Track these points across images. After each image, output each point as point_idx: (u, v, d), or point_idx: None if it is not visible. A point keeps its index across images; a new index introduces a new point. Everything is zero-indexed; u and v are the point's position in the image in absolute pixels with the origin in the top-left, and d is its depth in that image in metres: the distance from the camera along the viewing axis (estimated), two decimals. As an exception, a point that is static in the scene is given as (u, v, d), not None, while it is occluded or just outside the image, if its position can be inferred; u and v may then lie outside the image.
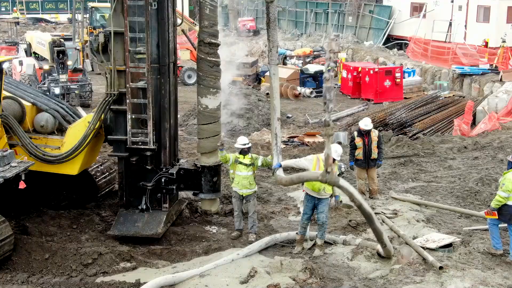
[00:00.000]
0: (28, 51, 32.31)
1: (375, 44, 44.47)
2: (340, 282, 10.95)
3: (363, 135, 15.37)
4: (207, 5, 12.37)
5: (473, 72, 32.55)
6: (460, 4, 38.63)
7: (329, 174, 9.87)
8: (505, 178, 11.43)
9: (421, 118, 25.14)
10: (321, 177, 10.06)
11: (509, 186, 11.26)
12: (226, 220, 14.17)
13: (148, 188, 12.85)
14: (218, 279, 10.98)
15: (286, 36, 54.47)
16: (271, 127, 11.51)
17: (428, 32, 39.33)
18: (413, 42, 40.18)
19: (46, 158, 12.92)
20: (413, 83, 34.18)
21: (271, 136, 11.35)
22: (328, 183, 10.16)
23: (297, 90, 33.48)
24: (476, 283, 10.47)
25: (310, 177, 11.11)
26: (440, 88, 32.78)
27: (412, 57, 39.67)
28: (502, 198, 11.33)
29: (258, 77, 37.87)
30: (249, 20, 59.67)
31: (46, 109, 13.93)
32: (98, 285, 10.87)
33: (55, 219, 13.82)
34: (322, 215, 12.18)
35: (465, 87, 32.72)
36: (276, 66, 11.70)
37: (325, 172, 9.92)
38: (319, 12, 51.85)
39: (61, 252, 11.93)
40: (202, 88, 12.66)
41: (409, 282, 10.66)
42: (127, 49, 12.20)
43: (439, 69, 35.44)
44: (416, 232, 12.92)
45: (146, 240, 12.68)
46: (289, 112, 29.68)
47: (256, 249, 12.27)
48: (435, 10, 40.79)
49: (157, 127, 12.70)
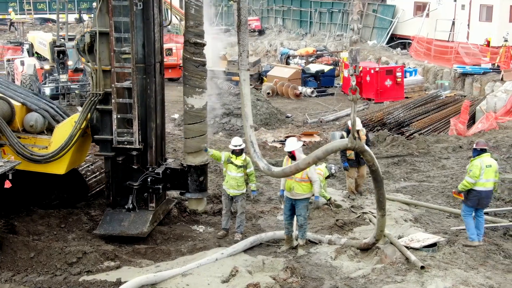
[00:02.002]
0: (30, 51, 32.52)
1: (379, 44, 44.38)
2: (321, 281, 10.96)
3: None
4: (192, 5, 12.40)
5: (474, 71, 32.44)
6: (463, 3, 38.46)
7: (356, 140, 9.80)
8: (472, 164, 11.85)
9: (419, 118, 25.12)
10: (349, 143, 9.92)
11: (476, 173, 11.70)
12: (214, 220, 14.22)
13: (135, 188, 12.91)
14: (200, 278, 11.01)
15: (291, 35, 54.47)
16: (245, 135, 11.27)
17: (431, 31, 39.21)
18: (416, 41, 40.08)
19: (33, 158, 12.99)
20: (415, 83, 34.13)
21: (247, 144, 11.11)
22: (356, 148, 10.02)
23: (298, 90, 33.49)
24: (457, 283, 10.45)
25: (338, 146, 10.55)
26: (442, 87, 32.67)
27: (415, 56, 39.57)
28: (468, 183, 11.79)
29: (261, 76, 37.88)
30: (254, 19, 59.65)
31: (36, 109, 13.98)
32: (79, 283, 10.93)
33: (44, 218, 13.90)
34: (300, 218, 12.24)
35: (467, 87, 32.62)
36: (246, 71, 11.43)
37: (352, 138, 9.85)
38: (323, 11, 51.78)
39: (46, 251, 11.99)
40: (188, 88, 12.68)
41: (390, 281, 10.65)
42: (112, 49, 12.25)
43: (441, 68, 35.34)
44: (403, 232, 12.91)
45: (132, 239, 12.74)
46: (289, 112, 29.72)
47: (241, 249, 12.29)
48: (438, 9, 40.65)
49: (143, 127, 12.75)
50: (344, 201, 15.18)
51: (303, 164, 10.45)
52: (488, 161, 11.93)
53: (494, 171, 11.93)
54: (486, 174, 11.80)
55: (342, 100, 33.13)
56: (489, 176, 11.84)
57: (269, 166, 10.80)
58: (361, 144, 9.98)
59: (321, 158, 10.43)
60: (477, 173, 11.72)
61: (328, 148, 10.26)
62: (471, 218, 12.07)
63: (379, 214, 11.20)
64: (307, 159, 10.39)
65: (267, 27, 59.06)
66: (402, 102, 28.03)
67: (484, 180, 11.81)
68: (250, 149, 10.79)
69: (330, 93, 34.75)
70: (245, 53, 11.20)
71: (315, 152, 10.33)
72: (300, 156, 11.76)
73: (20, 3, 68.45)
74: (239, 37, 11.37)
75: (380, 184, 10.78)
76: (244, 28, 11.24)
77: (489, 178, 11.85)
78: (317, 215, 14.37)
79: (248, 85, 11.40)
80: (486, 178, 11.82)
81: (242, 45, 11.27)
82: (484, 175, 11.79)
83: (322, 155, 10.21)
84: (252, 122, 11.27)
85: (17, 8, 68.45)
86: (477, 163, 11.81)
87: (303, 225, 12.22)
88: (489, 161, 11.95)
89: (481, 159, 11.88)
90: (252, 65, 37.78)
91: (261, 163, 10.66)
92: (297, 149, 11.94)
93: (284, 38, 53.74)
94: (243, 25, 11.22)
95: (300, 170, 10.82)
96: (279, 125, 26.19)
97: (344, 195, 15.70)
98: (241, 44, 11.32)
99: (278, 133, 24.59)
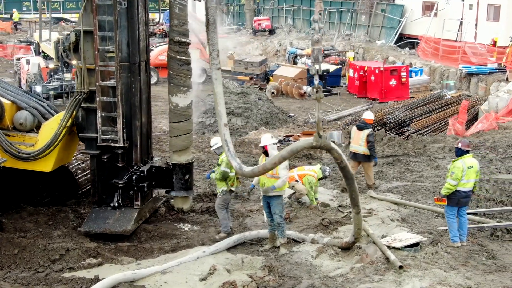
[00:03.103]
0: (37, 50, 32.77)
1: (387, 43, 44.24)
2: (299, 280, 10.96)
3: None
4: (177, 4, 12.49)
5: (480, 71, 32.24)
6: (471, 2, 38.24)
7: (322, 138, 9.81)
8: (454, 166, 11.76)
9: (420, 118, 24.97)
10: (315, 142, 9.94)
11: (459, 174, 11.62)
12: (202, 218, 14.25)
13: (120, 186, 12.99)
14: (179, 276, 11.08)
15: (300, 35, 54.43)
16: (219, 134, 11.28)
17: (439, 31, 39.01)
18: (424, 41, 39.90)
19: (20, 155, 13.11)
20: (420, 83, 34.01)
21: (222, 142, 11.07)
22: (322, 147, 10.04)
23: (302, 89, 33.43)
24: (435, 283, 10.41)
25: (303, 145, 10.39)
26: (447, 87, 32.50)
27: (422, 56, 39.38)
28: (452, 186, 11.68)
29: (267, 76, 37.87)
30: (265, 19, 59.74)
31: (25, 107, 14.11)
32: (58, 280, 11.03)
33: (33, 216, 14.02)
34: (275, 216, 12.26)
35: (472, 87, 32.43)
36: (217, 70, 11.39)
37: (317, 136, 9.87)
38: (332, 10, 51.71)
39: (30, 247, 12.13)
40: (173, 86, 12.75)
41: (367, 281, 10.63)
42: (96, 48, 12.35)
43: (447, 68, 35.16)
44: (387, 232, 12.87)
45: (116, 237, 12.82)
46: (292, 111, 29.69)
47: (223, 247, 12.32)
48: (446, 9, 40.46)
49: (128, 125, 12.84)
50: (332, 200, 15.18)
51: (270, 164, 10.44)
52: (470, 162, 11.89)
53: (475, 171, 11.90)
54: (468, 175, 11.76)
55: (347, 99, 33.07)
56: (470, 177, 11.82)
57: (241, 166, 10.82)
58: (327, 142, 9.96)
59: (286, 157, 10.41)
60: (460, 175, 11.67)
61: (293, 147, 10.25)
62: (455, 220, 12.03)
63: (353, 211, 11.20)
64: (273, 159, 10.39)
65: (277, 27, 59.09)
66: (404, 102, 27.89)
67: (465, 181, 11.77)
68: (225, 147, 10.78)
69: (335, 92, 34.64)
70: (215, 52, 11.12)
71: (281, 152, 10.35)
72: (272, 153, 11.89)
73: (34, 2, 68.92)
74: (209, 37, 11.27)
75: (350, 181, 10.77)
76: (213, 28, 11.17)
77: (470, 179, 11.82)
78: (304, 214, 14.39)
79: (221, 84, 11.31)
80: (467, 179, 11.78)
81: (211, 45, 11.16)
82: (466, 176, 11.75)
83: (287, 155, 10.19)
84: (226, 121, 11.23)
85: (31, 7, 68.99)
86: (459, 165, 11.75)
87: (280, 224, 12.22)
88: (471, 162, 11.90)
89: (463, 160, 11.82)
90: (258, 65, 37.86)
91: (234, 162, 10.69)
92: (270, 145, 12.02)
93: (294, 38, 53.72)
94: (212, 24, 11.14)
95: (267, 170, 10.79)
96: (280, 125, 26.19)
97: (334, 194, 15.68)
98: (210, 44, 11.22)
99: (277, 133, 24.56)
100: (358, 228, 11.45)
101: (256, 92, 28.41)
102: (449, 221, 12.03)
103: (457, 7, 39.56)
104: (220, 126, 11.01)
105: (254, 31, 58.87)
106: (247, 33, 60.86)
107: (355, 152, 16.02)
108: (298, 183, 14.85)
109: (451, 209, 11.98)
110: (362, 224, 11.48)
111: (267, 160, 11.09)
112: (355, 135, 16.07)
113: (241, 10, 70.17)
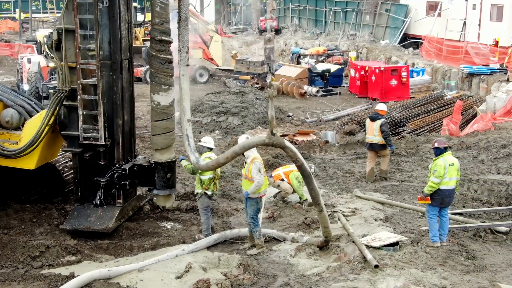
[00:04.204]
0: (39, 49, 32.90)
1: (391, 43, 44.10)
2: (274, 278, 10.98)
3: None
4: (158, 3, 12.52)
5: (481, 71, 32.05)
6: (474, 2, 38.05)
7: (275, 136, 9.95)
8: (436, 164, 11.83)
9: (418, 118, 24.86)
10: (267, 139, 10.09)
11: (441, 172, 11.68)
12: (186, 217, 14.25)
13: (102, 184, 13.03)
14: (155, 274, 11.11)
15: (306, 35, 54.41)
16: (182, 128, 11.42)
17: (442, 31, 38.86)
18: (427, 41, 39.75)
19: (3, 153, 13.20)
20: (422, 83, 33.83)
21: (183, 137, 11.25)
22: (274, 144, 10.18)
23: (303, 89, 33.39)
24: (409, 282, 10.38)
25: (255, 141, 10.87)
26: (448, 87, 32.34)
27: (425, 56, 39.22)
28: (435, 184, 11.72)
29: (270, 75, 37.75)
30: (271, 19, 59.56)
31: (12, 105, 14.16)
32: (35, 277, 11.10)
33: (19, 213, 14.09)
34: (247, 217, 12.27)
35: (474, 87, 32.26)
36: (185, 67, 11.52)
37: (270, 134, 10.00)
38: (337, 10, 51.62)
39: (11, 244, 12.20)
40: (154, 85, 12.79)
41: (342, 279, 10.63)
42: (78, 46, 12.40)
43: (449, 68, 35.00)
44: (369, 231, 12.85)
45: (97, 234, 12.86)
46: (292, 111, 29.65)
47: (203, 245, 12.34)
48: (450, 9, 40.26)
49: (109, 123, 12.88)
50: (318, 199, 15.13)
51: (223, 159, 10.81)
52: (451, 159, 11.92)
53: (456, 169, 11.90)
54: (449, 172, 11.78)
55: (347, 99, 33.00)
56: (452, 174, 11.82)
57: (198, 160, 11.27)
58: (280, 140, 10.07)
59: (238, 153, 10.81)
60: (442, 172, 11.69)
61: (245, 144, 10.64)
62: (435, 220, 12.03)
63: (316, 210, 11.24)
64: (226, 154, 10.76)
65: (283, 26, 59.06)
66: (403, 102, 27.78)
67: (447, 179, 11.78)
68: (185, 142, 11.02)
69: (335, 92, 34.58)
70: (184, 48, 11.51)
71: (234, 147, 10.73)
72: (248, 153, 12.00)
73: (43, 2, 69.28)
74: (179, 33, 11.60)
75: (308, 180, 10.82)
76: (184, 25, 11.48)
77: (452, 176, 11.83)
78: (288, 213, 14.39)
79: (188, 80, 11.63)
80: (449, 176, 11.80)
81: (182, 41, 11.60)
82: (448, 174, 11.76)
83: (240, 151, 10.62)
84: (190, 116, 11.50)
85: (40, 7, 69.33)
86: (441, 163, 11.79)
87: (250, 225, 12.20)
88: (452, 160, 11.93)
89: (444, 158, 11.85)
90: (260, 64, 37.85)
91: (192, 156, 11.12)
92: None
93: (299, 38, 53.69)
94: (183, 21, 11.52)
95: (220, 164, 11.12)
96: (277, 124, 26.09)
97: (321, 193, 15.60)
98: (181, 40, 11.60)
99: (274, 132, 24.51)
100: (325, 227, 11.46)
101: (254, 91, 28.39)
102: (430, 221, 12.02)
103: (460, 7, 39.37)
104: (183, 121, 11.29)
105: (260, 31, 58.86)
106: (253, 33, 60.91)
107: (371, 143, 16.84)
108: (284, 182, 14.85)
109: (433, 209, 11.97)
110: (328, 222, 11.50)
111: (220, 155, 11.24)
112: (369, 126, 16.94)
113: (249, 10, 70.22)
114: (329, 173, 17.82)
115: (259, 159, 12.13)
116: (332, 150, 20.98)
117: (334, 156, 20.03)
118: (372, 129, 16.79)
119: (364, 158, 19.23)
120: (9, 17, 64.53)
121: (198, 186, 12.57)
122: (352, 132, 23.47)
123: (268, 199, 15.17)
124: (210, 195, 12.59)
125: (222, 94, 27.90)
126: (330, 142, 21.68)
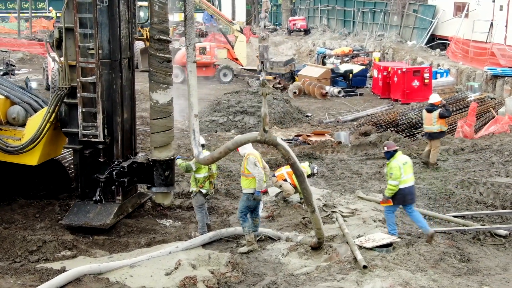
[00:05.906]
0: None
1: (418, 44, 43.71)
2: (262, 277, 11.02)
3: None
4: (156, 3, 12.62)
5: (505, 73, 31.60)
6: (502, 4, 37.51)
7: (267, 133, 10.06)
8: (391, 167, 12.11)
9: (436, 119, 24.58)
10: (259, 136, 10.23)
11: (397, 174, 11.98)
12: (186, 215, 14.37)
13: (101, 180, 13.20)
14: (146, 270, 11.20)
15: (334, 35, 54.27)
16: (189, 123, 11.65)
17: (469, 32, 38.38)
18: (454, 42, 39.29)
19: (7, 149, 13.47)
20: (445, 84, 33.45)
21: (190, 132, 11.51)
22: (267, 142, 10.30)
23: (324, 90, 33.31)
24: (397, 284, 10.31)
25: (248, 138, 10.98)
26: (471, 89, 31.94)
27: (452, 57, 38.78)
28: (394, 186, 12.03)
29: (293, 76, 37.82)
30: (300, 19, 59.69)
31: (18, 102, 14.46)
32: (28, 270, 11.30)
33: (23, 208, 14.37)
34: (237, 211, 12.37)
35: (498, 89, 31.84)
36: (193, 63, 11.73)
37: (263, 131, 10.12)
38: (365, 11, 51.37)
39: (10, 238, 12.44)
40: (153, 83, 12.90)
41: (329, 279, 10.61)
42: (77, 45, 12.60)
43: (474, 70, 34.56)
44: (365, 232, 12.80)
45: (95, 230, 13.04)
46: (311, 111, 29.62)
47: (198, 243, 12.42)
48: (477, 10, 39.73)
49: (109, 121, 13.04)
50: (320, 199, 15.11)
51: (217, 153, 11.08)
52: (403, 158, 12.25)
53: (410, 166, 12.27)
54: (405, 171, 12.10)
55: (369, 100, 32.83)
56: (408, 172, 12.14)
57: (200, 154, 11.48)
58: (273, 137, 10.13)
59: (231, 149, 11.03)
60: (398, 173, 12.01)
61: (238, 140, 10.85)
62: (393, 214, 12.38)
63: (309, 210, 11.26)
64: (219, 149, 11.04)
65: (312, 27, 59.00)
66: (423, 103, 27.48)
67: (405, 177, 12.09)
68: (191, 136, 11.23)
69: (356, 93, 34.42)
70: (191, 46, 11.73)
71: (227, 143, 10.99)
72: (243, 151, 12.21)
73: (50, 2, 70.12)
74: (186, 31, 11.85)
75: (300, 179, 10.86)
76: (190, 23, 11.69)
77: (408, 174, 12.13)
78: (287, 213, 14.41)
79: (195, 76, 11.75)
80: (406, 174, 12.09)
81: (188, 39, 11.81)
82: (404, 173, 12.07)
83: (232, 146, 10.88)
84: (197, 112, 11.69)
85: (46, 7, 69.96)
86: (395, 164, 12.09)
87: (239, 219, 12.30)
88: (404, 159, 12.27)
89: (396, 159, 12.17)
90: (283, 64, 37.85)
91: (196, 150, 11.38)
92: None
93: (328, 38, 53.54)
94: (189, 20, 11.71)
95: (215, 159, 11.34)
96: (294, 124, 26.17)
97: (324, 194, 15.62)
98: (187, 38, 11.83)
99: (289, 132, 24.58)
100: (317, 228, 11.46)
101: (272, 91, 28.40)
102: (387, 216, 12.46)
103: (487, 8, 38.81)
104: (191, 116, 11.53)
105: (289, 31, 58.96)
106: (282, 33, 60.97)
107: (429, 132, 18.13)
108: (286, 183, 14.86)
109: (393, 208, 12.33)
110: (320, 224, 11.50)
111: (215, 150, 11.40)
112: (426, 117, 18.09)
113: (279, 10, 70.29)
114: (337, 173, 17.78)
115: (253, 154, 12.22)
116: (344, 150, 20.91)
117: (344, 156, 19.96)
118: (429, 119, 17.91)
119: (373, 159, 19.23)
120: (44, 16, 65.37)
121: (193, 184, 12.76)
122: (368, 133, 23.31)
123: (270, 199, 15.22)
124: (204, 193, 12.75)
125: (240, 93, 27.98)
126: (343, 143, 21.63)
